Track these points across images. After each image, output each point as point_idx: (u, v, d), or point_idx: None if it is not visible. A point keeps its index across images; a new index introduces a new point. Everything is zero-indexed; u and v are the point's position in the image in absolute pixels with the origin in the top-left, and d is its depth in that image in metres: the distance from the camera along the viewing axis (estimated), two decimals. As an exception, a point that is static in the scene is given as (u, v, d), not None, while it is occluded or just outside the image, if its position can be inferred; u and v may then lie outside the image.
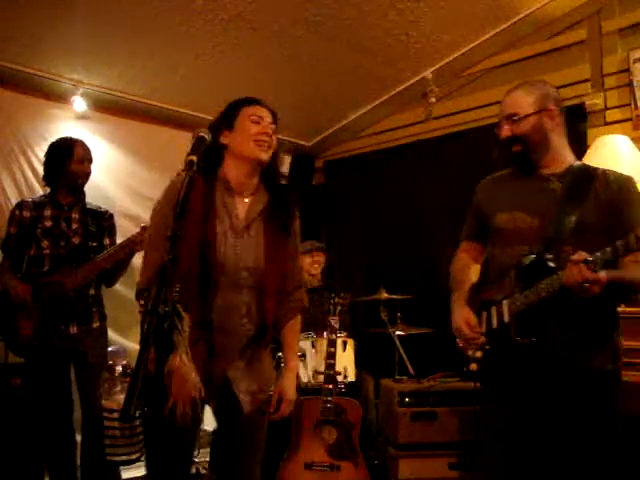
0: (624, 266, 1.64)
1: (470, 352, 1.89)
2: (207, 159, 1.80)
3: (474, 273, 2.02)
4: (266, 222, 1.82)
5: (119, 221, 3.14)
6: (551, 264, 1.68)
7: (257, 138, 1.76)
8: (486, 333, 1.82)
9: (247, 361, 1.77)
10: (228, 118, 1.81)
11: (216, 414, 1.83)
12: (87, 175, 2.89)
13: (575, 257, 1.54)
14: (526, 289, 1.71)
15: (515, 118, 1.81)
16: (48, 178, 2.86)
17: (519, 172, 1.90)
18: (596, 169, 1.82)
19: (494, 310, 1.81)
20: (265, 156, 1.78)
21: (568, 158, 1.85)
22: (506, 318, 1.75)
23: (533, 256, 1.72)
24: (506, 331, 1.75)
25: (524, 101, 1.83)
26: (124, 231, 3.05)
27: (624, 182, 1.78)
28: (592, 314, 1.70)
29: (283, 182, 1.93)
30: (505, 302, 1.77)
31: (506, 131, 1.83)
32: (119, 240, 2.90)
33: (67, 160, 2.80)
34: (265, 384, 1.84)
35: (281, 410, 1.89)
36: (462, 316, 1.89)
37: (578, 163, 1.86)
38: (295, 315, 1.97)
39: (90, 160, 2.91)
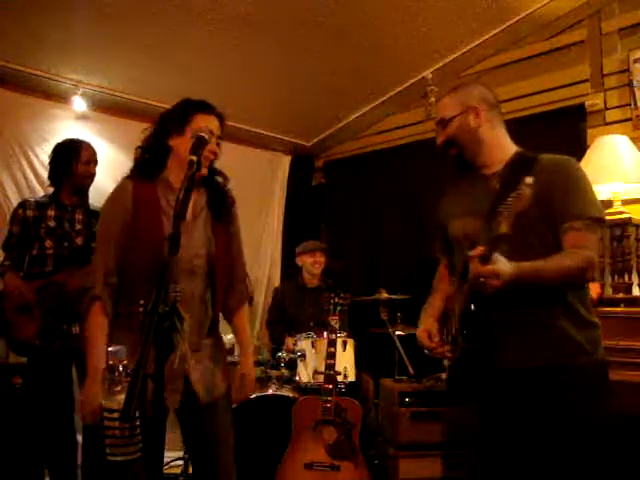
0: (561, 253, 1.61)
1: (444, 360, 1.88)
2: (152, 159, 1.87)
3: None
4: (211, 216, 1.90)
5: (119, 221, 3.15)
6: None
7: (204, 155, 1.76)
8: (451, 341, 1.80)
9: (203, 351, 1.83)
10: (180, 122, 1.83)
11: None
12: (92, 176, 2.91)
13: (472, 252, 1.52)
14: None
15: (444, 123, 1.84)
16: (53, 178, 2.87)
17: (466, 177, 1.91)
18: (534, 157, 1.76)
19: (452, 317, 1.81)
20: (205, 171, 1.84)
21: (508, 154, 1.82)
22: (456, 324, 1.74)
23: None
24: (455, 336, 1.74)
25: (448, 104, 1.86)
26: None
27: (559, 165, 1.72)
28: (530, 311, 1.64)
29: (219, 180, 1.97)
30: (456, 308, 1.76)
31: (440, 137, 1.87)
32: None
33: (73, 161, 2.82)
34: (223, 374, 1.89)
35: (245, 390, 1.97)
36: (422, 326, 1.88)
37: (516, 154, 1.81)
38: (243, 305, 2.05)
39: (96, 162, 2.93)
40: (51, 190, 2.88)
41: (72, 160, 2.82)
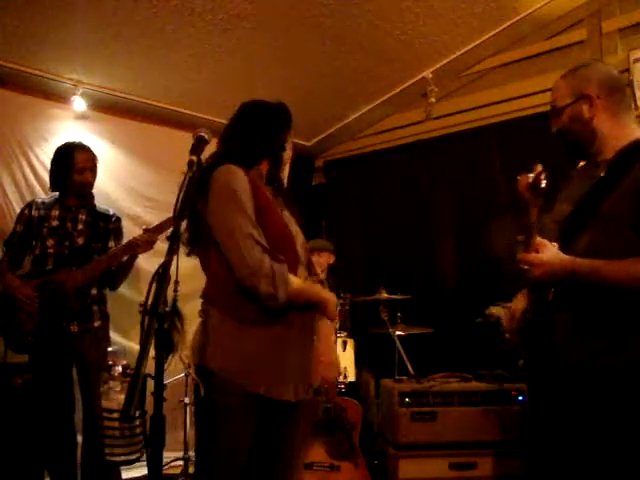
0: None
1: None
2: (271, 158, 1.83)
3: None
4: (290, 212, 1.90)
5: (119, 221, 3.14)
6: None
7: (288, 163, 1.88)
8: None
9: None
10: (286, 129, 1.85)
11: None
12: (89, 184, 2.88)
13: (519, 237, 1.52)
14: None
15: (556, 111, 1.72)
16: (53, 185, 2.87)
17: (581, 163, 1.80)
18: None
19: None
20: (284, 176, 1.89)
21: (625, 141, 1.65)
22: (529, 314, 1.70)
23: None
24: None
25: (562, 90, 1.73)
26: (125, 231, 3.05)
27: None
28: (605, 310, 1.56)
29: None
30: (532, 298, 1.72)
31: (553, 125, 1.74)
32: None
33: (68, 170, 2.81)
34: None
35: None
36: (512, 305, 1.80)
37: (633, 142, 1.65)
38: None
39: (92, 168, 2.88)
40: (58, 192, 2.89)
41: (67, 169, 2.80)
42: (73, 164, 2.81)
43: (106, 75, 3.48)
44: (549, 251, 1.53)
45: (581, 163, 1.83)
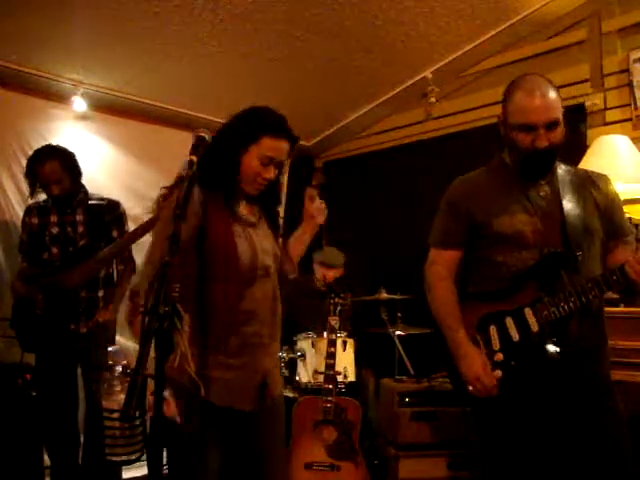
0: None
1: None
2: (218, 171, 1.72)
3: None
4: (266, 218, 1.91)
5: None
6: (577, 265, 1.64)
7: (257, 180, 1.74)
8: (502, 349, 1.70)
9: (275, 353, 1.82)
10: (248, 139, 1.71)
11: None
12: (62, 193, 2.76)
13: None
14: (553, 294, 1.64)
15: (555, 125, 1.66)
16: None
17: (500, 175, 1.84)
18: (584, 172, 1.82)
19: (510, 322, 1.70)
20: (256, 193, 1.79)
21: None
22: (535, 327, 1.65)
23: (554, 259, 1.66)
24: (535, 342, 1.65)
25: (558, 103, 1.67)
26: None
27: (607, 183, 1.80)
28: (601, 319, 1.73)
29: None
30: (528, 310, 1.67)
31: (543, 140, 1.65)
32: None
33: (35, 185, 2.77)
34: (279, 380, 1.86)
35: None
36: (479, 363, 1.71)
37: (562, 166, 1.80)
38: None
39: (57, 181, 2.73)
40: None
41: (34, 184, 2.77)
42: (37, 182, 2.75)
43: (106, 75, 3.48)
44: None
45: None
